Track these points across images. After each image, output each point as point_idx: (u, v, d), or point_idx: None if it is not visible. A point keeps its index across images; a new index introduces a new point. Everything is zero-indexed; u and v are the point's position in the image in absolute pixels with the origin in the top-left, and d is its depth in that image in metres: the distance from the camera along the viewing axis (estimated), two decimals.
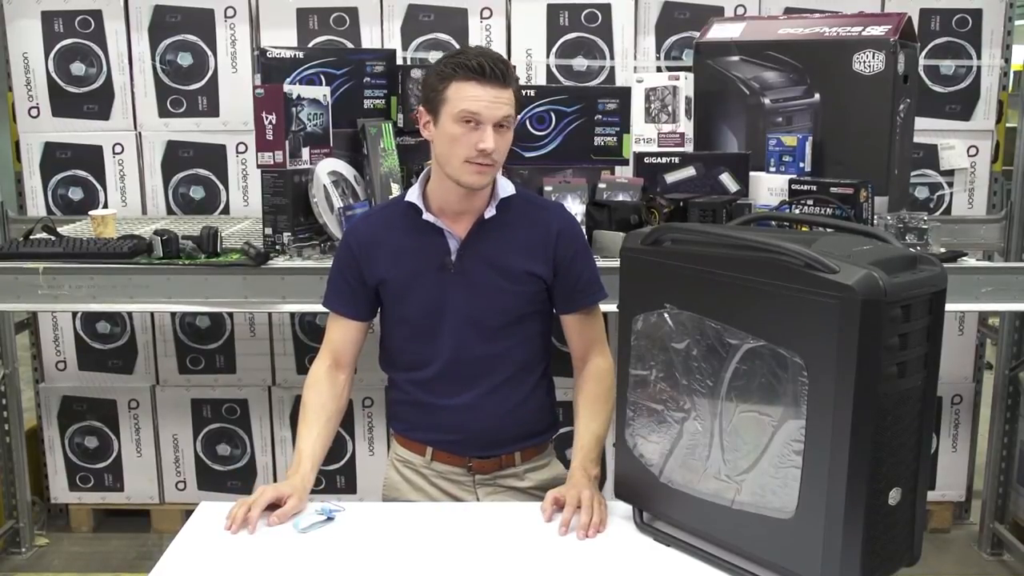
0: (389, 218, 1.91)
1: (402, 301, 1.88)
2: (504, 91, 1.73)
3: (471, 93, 1.71)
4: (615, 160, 2.75)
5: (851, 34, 2.58)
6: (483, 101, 1.71)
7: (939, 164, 3.25)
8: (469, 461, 1.93)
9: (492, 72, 1.71)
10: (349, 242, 1.91)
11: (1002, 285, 2.36)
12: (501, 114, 1.73)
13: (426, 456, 1.95)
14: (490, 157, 1.74)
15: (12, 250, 2.50)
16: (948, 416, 3.41)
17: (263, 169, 2.45)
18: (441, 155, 1.79)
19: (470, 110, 1.71)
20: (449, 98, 1.73)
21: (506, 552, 1.62)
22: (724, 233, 1.58)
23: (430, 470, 1.96)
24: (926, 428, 1.42)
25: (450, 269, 1.84)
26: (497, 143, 1.74)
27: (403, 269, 1.86)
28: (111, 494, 3.48)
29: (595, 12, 3.16)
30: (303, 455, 1.82)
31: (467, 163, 1.75)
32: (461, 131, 1.73)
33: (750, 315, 1.42)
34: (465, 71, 1.71)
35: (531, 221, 1.88)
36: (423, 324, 1.87)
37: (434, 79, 1.76)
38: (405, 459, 1.99)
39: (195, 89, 3.21)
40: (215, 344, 3.38)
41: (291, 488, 1.73)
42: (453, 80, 1.73)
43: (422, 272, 1.85)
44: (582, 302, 1.92)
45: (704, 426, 1.51)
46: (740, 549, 1.50)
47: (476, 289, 1.85)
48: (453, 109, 1.73)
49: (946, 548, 3.40)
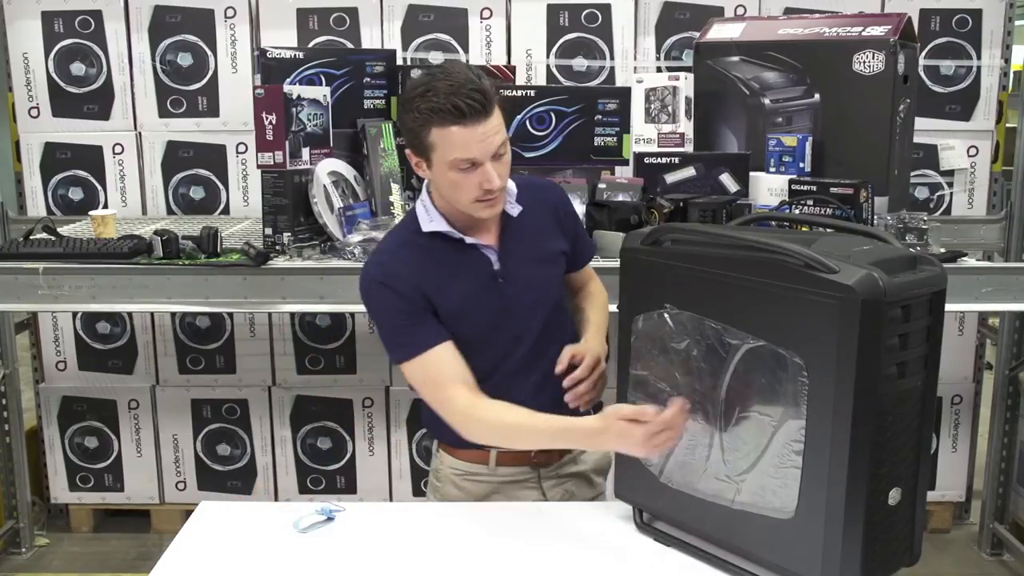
0: (420, 253, 1.76)
1: (457, 326, 1.76)
2: (489, 122, 1.62)
3: (458, 139, 1.60)
4: (615, 160, 2.76)
5: (851, 34, 2.58)
6: (473, 144, 1.61)
7: (939, 164, 3.25)
8: (534, 457, 1.87)
9: (471, 109, 1.58)
10: (398, 290, 1.72)
11: (1002, 285, 2.36)
12: (495, 148, 1.63)
13: (490, 463, 1.87)
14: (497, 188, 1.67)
15: (12, 250, 2.50)
16: (948, 416, 3.41)
17: (263, 169, 2.45)
18: (447, 196, 1.71)
19: (463, 157, 1.62)
20: (435, 144, 1.63)
21: (506, 552, 1.62)
22: (724, 233, 1.58)
23: (496, 477, 1.88)
24: (926, 428, 1.43)
25: (499, 280, 1.78)
26: (500, 172, 1.65)
27: (454, 298, 1.75)
28: (111, 494, 3.48)
29: (595, 12, 3.16)
30: (572, 419, 1.67)
31: (477, 202, 1.67)
32: (460, 176, 1.64)
33: (750, 315, 1.42)
34: (442, 116, 1.59)
35: (539, 204, 1.85)
36: (481, 341, 1.78)
37: (412, 123, 1.65)
38: (467, 472, 1.89)
39: (195, 89, 3.21)
40: (215, 344, 3.38)
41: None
42: (432, 126, 1.61)
43: (473, 293, 1.76)
44: (585, 257, 1.96)
45: (704, 426, 1.51)
46: (740, 549, 1.50)
47: (526, 288, 1.80)
48: (444, 157, 1.63)
49: (946, 548, 3.40)
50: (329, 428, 3.42)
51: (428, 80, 1.63)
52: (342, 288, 2.36)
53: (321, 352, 3.38)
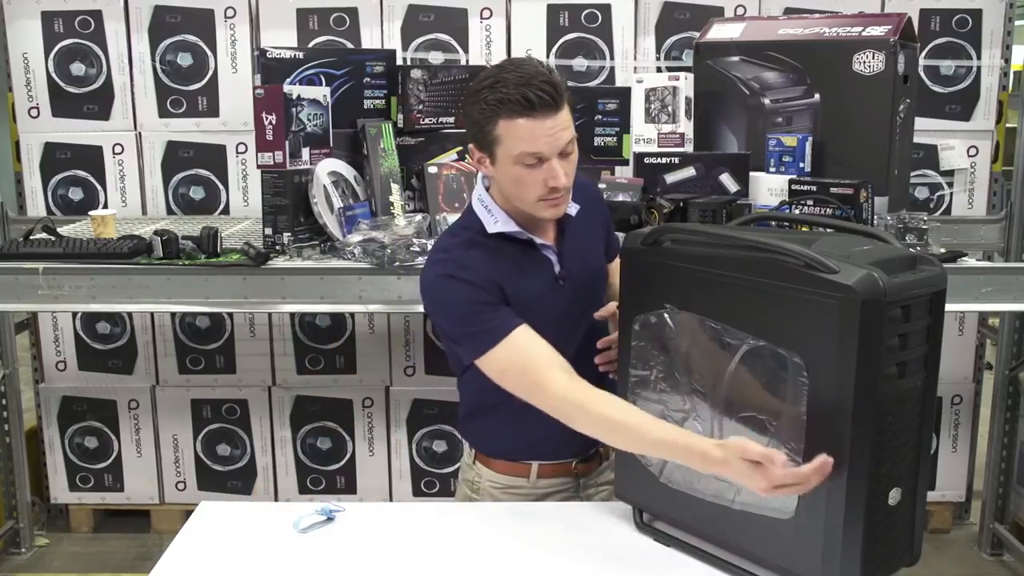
0: (488, 255, 1.69)
1: None
2: (558, 116, 1.56)
3: (525, 132, 1.55)
4: (615, 160, 2.76)
5: (851, 34, 2.58)
6: (540, 138, 1.55)
7: (939, 164, 3.25)
8: (574, 468, 1.84)
9: (541, 101, 1.53)
10: (472, 281, 1.65)
11: (1002, 285, 2.36)
12: (563, 144, 1.58)
13: (531, 477, 1.83)
14: (563, 187, 1.62)
15: (12, 250, 2.51)
16: (948, 416, 3.41)
17: (263, 169, 2.45)
18: (510, 193, 1.66)
19: (530, 151, 1.56)
20: (501, 138, 1.57)
21: (506, 552, 1.62)
22: (724, 233, 1.58)
23: (537, 490, 1.84)
24: (926, 428, 1.43)
25: (561, 281, 1.75)
26: (567, 171, 1.60)
27: (524, 297, 1.69)
28: (111, 494, 3.48)
29: (595, 12, 3.16)
30: (686, 435, 1.48)
31: (541, 201, 1.62)
32: (525, 172, 1.58)
33: (750, 315, 1.42)
34: (511, 107, 1.54)
35: (585, 203, 1.80)
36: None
37: (478, 115, 1.59)
38: (507, 485, 1.84)
39: (195, 89, 3.21)
40: (215, 344, 3.38)
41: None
42: (499, 118, 1.56)
43: (540, 294, 1.72)
44: (614, 250, 1.90)
45: (704, 426, 1.51)
46: (740, 549, 1.50)
47: (584, 289, 1.78)
48: (510, 151, 1.57)
49: (946, 548, 3.40)
50: (329, 428, 3.42)
51: (497, 72, 1.58)
52: (342, 288, 2.36)
53: (321, 352, 3.38)
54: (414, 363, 3.37)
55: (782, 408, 1.39)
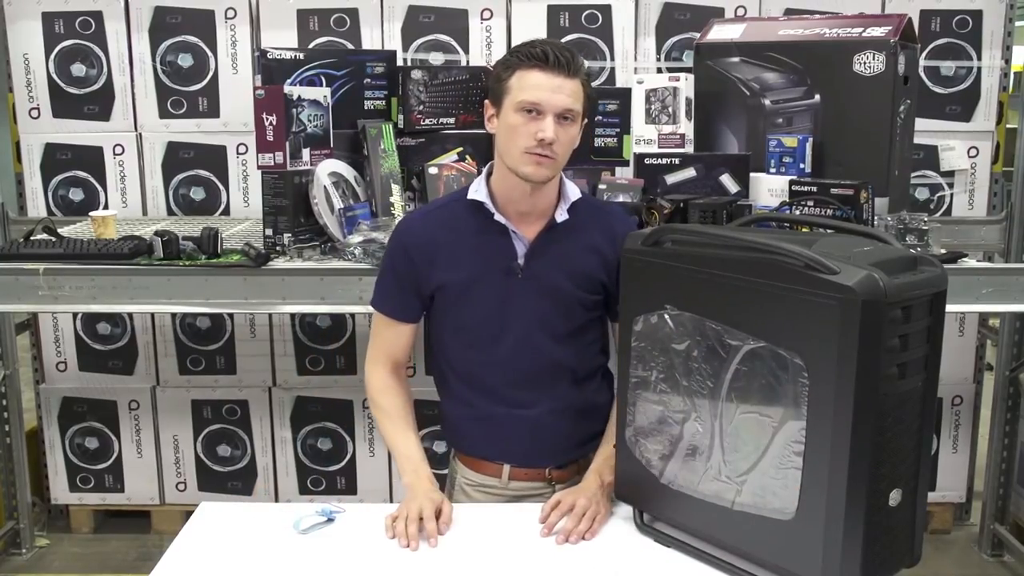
0: (449, 217, 1.81)
1: (461, 307, 1.80)
2: (568, 81, 1.67)
3: (533, 81, 1.66)
4: (615, 161, 2.75)
5: (851, 35, 2.58)
6: (544, 90, 1.66)
7: (939, 165, 3.25)
8: (548, 473, 1.86)
9: (556, 60, 1.65)
10: (405, 243, 1.82)
11: (1002, 286, 2.36)
12: (562, 104, 1.67)
13: (503, 477, 1.86)
14: (550, 148, 1.67)
15: (13, 251, 2.50)
16: (948, 417, 3.41)
17: (263, 170, 2.45)
18: (502, 146, 1.73)
19: (530, 99, 1.66)
20: (511, 88, 1.69)
21: (506, 552, 1.62)
22: (724, 234, 1.58)
23: (508, 491, 1.87)
24: (926, 429, 1.43)
25: (517, 274, 1.77)
26: (558, 134, 1.67)
27: (463, 272, 1.78)
28: (111, 495, 3.48)
29: (595, 13, 3.16)
30: (418, 460, 1.81)
31: (526, 153, 1.68)
32: (521, 121, 1.67)
33: (750, 316, 1.42)
34: (529, 59, 1.67)
35: (598, 225, 1.82)
36: (485, 331, 1.79)
37: (500, 69, 1.73)
38: (479, 483, 1.89)
39: (195, 90, 3.21)
40: (215, 345, 3.38)
41: (439, 495, 1.74)
42: (517, 69, 1.68)
43: (485, 276, 1.78)
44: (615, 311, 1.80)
45: (705, 427, 1.51)
46: (740, 550, 1.50)
47: (547, 294, 1.78)
48: (515, 99, 1.68)
49: (946, 549, 3.40)
50: (329, 429, 3.42)
51: (530, 40, 1.73)
52: (342, 289, 2.36)
53: (321, 353, 3.38)
54: (414, 364, 3.37)
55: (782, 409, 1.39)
